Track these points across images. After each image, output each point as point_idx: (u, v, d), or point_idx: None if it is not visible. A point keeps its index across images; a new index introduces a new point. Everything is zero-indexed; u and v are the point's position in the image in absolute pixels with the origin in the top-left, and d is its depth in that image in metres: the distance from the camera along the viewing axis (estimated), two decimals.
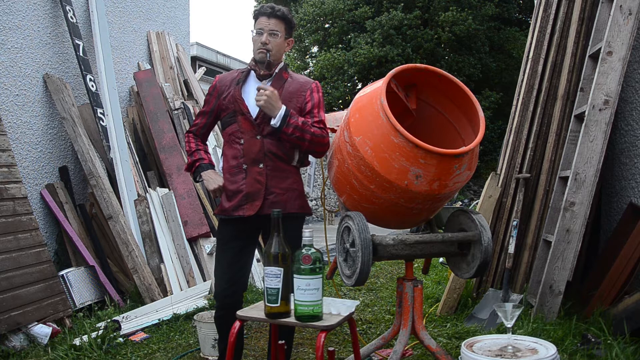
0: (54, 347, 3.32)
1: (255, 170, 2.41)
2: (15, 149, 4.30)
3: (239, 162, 2.44)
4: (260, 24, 2.45)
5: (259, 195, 2.39)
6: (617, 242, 3.39)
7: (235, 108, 2.45)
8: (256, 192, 2.40)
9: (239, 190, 2.41)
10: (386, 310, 4.21)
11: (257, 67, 2.48)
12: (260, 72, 2.47)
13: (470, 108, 2.36)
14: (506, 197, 3.93)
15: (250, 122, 2.43)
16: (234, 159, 2.45)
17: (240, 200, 2.41)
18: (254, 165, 2.41)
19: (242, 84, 2.49)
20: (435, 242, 2.37)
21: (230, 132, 2.48)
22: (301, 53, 21.96)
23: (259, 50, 2.43)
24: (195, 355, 3.27)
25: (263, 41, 2.42)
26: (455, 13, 17.19)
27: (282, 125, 2.34)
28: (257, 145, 2.41)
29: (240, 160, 2.43)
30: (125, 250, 4.34)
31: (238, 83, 2.49)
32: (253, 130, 2.43)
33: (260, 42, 2.43)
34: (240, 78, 2.51)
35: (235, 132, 2.46)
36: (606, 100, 3.24)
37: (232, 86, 2.50)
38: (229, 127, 2.48)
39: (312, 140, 2.39)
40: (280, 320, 1.91)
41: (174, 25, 6.56)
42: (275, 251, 1.87)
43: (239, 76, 2.53)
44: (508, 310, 1.99)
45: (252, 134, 2.42)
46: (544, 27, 4.02)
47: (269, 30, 2.42)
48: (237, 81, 2.50)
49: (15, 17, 4.43)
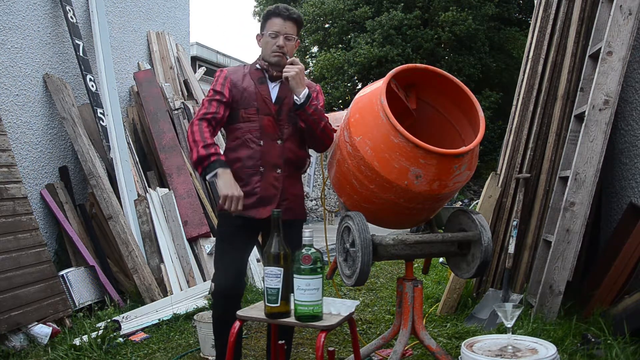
0: (54, 347, 3.32)
1: (272, 175, 2.39)
2: (15, 149, 4.30)
3: (255, 164, 2.39)
4: (275, 25, 2.41)
5: (274, 199, 2.39)
6: (617, 242, 3.39)
7: (260, 106, 2.41)
8: (271, 196, 2.39)
9: (253, 192, 2.38)
10: (386, 310, 4.21)
11: (271, 68, 2.44)
12: (273, 74, 2.44)
13: (470, 108, 2.36)
14: (506, 197, 3.93)
15: (274, 124, 2.41)
16: (249, 160, 2.39)
17: (253, 202, 2.37)
18: (271, 170, 2.39)
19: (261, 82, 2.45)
20: (435, 242, 2.37)
21: (248, 131, 2.40)
22: (301, 53, 21.96)
23: (275, 54, 2.41)
24: (195, 355, 3.27)
25: (280, 45, 2.40)
26: (455, 13, 17.19)
27: (305, 103, 2.34)
28: (278, 150, 2.41)
29: (257, 162, 2.38)
30: (125, 250, 4.34)
31: (262, 82, 2.45)
32: (275, 134, 2.41)
33: (276, 44, 2.40)
34: (261, 77, 2.46)
35: (253, 132, 2.40)
36: (606, 100, 3.24)
37: (251, 83, 2.44)
38: (245, 124, 2.41)
39: (325, 128, 2.44)
40: (280, 320, 1.91)
41: (174, 25, 6.56)
42: (275, 251, 1.87)
43: (256, 74, 2.47)
44: (508, 310, 1.99)
45: (274, 138, 2.40)
46: (544, 27, 4.02)
47: (285, 33, 2.40)
48: (259, 79, 2.45)
49: (15, 17, 4.43)
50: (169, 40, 6.24)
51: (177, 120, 5.33)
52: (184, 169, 4.93)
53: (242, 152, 2.40)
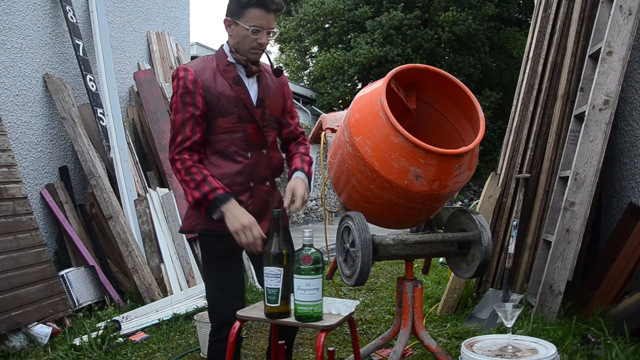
0: (54, 347, 3.32)
1: (261, 189, 2.16)
2: (15, 149, 4.30)
3: (245, 180, 2.11)
4: (257, 19, 2.02)
5: (265, 214, 2.16)
6: (617, 242, 3.39)
7: (241, 113, 2.08)
8: (263, 211, 2.15)
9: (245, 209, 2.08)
10: (386, 310, 4.21)
11: (249, 65, 2.12)
12: (252, 69, 2.13)
13: (470, 108, 2.36)
14: (506, 197, 3.93)
15: (258, 132, 2.13)
16: (238, 176, 2.09)
17: None
18: (260, 184, 2.16)
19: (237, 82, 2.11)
20: (435, 242, 2.37)
21: (231, 143, 2.09)
22: (301, 53, 21.97)
23: (256, 51, 2.09)
24: (195, 355, 3.27)
25: (263, 42, 2.07)
26: (455, 13, 17.21)
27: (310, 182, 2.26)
28: (264, 161, 2.17)
29: (247, 178, 2.11)
30: (125, 250, 4.34)
31: (238, 82, 2.10)
32: (261, 143, 2.14)
33: (257, 41, 2.05)
34: (236, 76, 2.11)
35: (238, 143, 2.09)
36: (606, 100, 3.24)
37: (225, 85, 2.08)
38: (226, 135, 2.08)
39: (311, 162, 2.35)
40: (280, 320, 1.91)
41: (174, 25, 6.56)
42: (275, 251, 1.87)
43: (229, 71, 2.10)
44: (508, 310, 1.99)
45: (260, 147, 2.14)
46: (544, 27, 4.02)
47: (269, 29, 2.06)
48: (234, 79, 2.10)
49: (15, 17, 4.43)
50: (169, 40, 6.23)
51: None
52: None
53: (228, 168, 2.09)
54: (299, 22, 20.00)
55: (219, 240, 2.09)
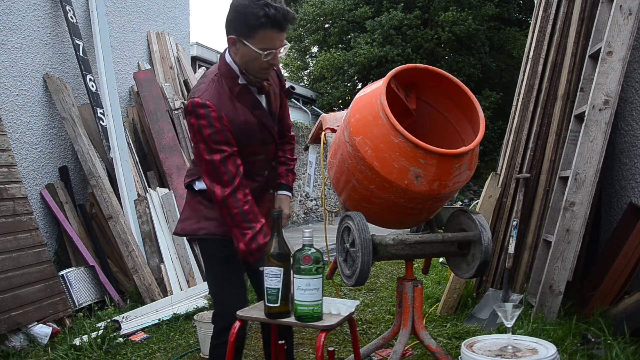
0: (54, 347, 3.33)
1: (267, 197, 2.26)
2: (15, 149, 4.30)
3: (256, 194, 2.14)
4: (269, 40, 1.90)
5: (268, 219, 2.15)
6: (617, 242, 3.39)
7: (265, 138, 2.11)
8: (267, 217, 2.14)
9: None
10: (386, 310, 4.21)
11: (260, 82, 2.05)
12: (265, 87, 2.08)
13: (470, 108, 2.36)
14: (506, 197, 3.93)
15: (276, 149, 2.22)
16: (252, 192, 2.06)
17: None
18: (268, 193, 2.26)
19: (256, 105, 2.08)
20: (435, 242, 2.37)
21: (252, 164, 2.10)
22: (301, 53, 21.97)
23: (267, 71, 2.02)
24: (195, 355, 3.27)
25: (275, 62, 1.98)
26: (455, 13, 17.21)
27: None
28: (274, 172, 2.27)
29: (258, 192, 2.17)
30: (125, 250, 4.34)
31: (256, 106, 2.06)
32: (274, 158, 2.25)
33: (269, 62, 1.95)
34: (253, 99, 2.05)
35: (260, 165, 2.14)
36: (606, 100, 3.24)
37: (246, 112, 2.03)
38: (249, 157, 2.08)
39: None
40: (280, 320, 1.91)
41: (174, 25, 6.56)
42: (275, 251, 1.87)
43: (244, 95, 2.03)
44: (508, 310, 1.99)
45: (272, 161, 2.24)
46: (544, 27, 4.02)
47: (282, 46, 1.96)
48: (252, 103, 2.05)
49: (15, 17, 4.43)
50: (169, 40, 6.24)
51: (177, 120, 5.33)
52: (184, 169, 4.93)
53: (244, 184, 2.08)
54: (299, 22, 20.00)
55: (224, 244, 2.09)
